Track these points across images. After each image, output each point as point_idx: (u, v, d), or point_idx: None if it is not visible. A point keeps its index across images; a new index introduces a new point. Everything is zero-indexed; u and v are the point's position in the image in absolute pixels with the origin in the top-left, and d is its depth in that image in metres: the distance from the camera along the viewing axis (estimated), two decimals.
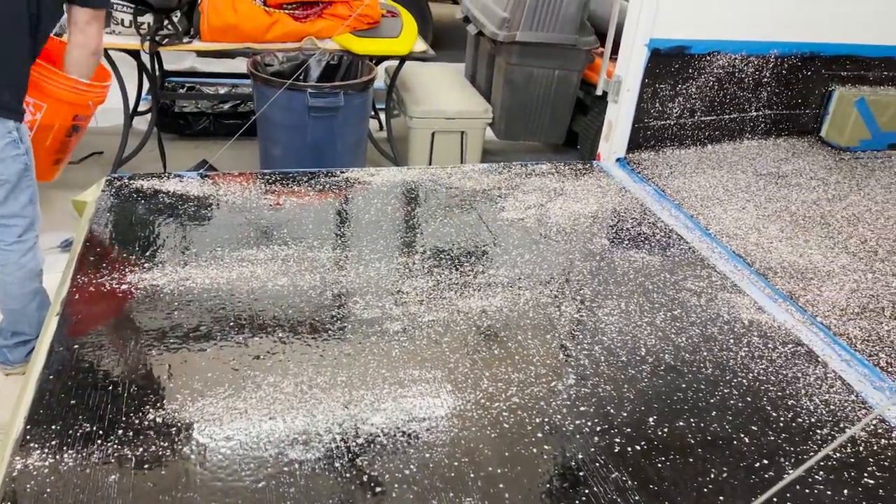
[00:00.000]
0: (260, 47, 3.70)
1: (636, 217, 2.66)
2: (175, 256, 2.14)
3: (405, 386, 1.68)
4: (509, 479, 1.43)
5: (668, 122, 3.27)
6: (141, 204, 2.44)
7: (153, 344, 1.74)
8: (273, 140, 3.58)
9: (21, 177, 2.20)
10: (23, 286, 2.35)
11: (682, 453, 1.54)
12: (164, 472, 1.38)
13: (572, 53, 4.05)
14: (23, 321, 2.41)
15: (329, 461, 1.44)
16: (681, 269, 2.31)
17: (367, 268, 2.18)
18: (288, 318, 1.90)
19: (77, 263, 2.07)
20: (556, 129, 4.35)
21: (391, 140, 4.35)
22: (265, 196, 2.58)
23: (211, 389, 1.60)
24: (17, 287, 2.33)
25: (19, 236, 2.28)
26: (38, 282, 2.41)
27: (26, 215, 2.27)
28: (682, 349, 1.89)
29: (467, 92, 4.48)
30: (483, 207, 2.63)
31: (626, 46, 3.04)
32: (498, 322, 1.96)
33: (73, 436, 1.44)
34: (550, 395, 1.68)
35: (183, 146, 4.43)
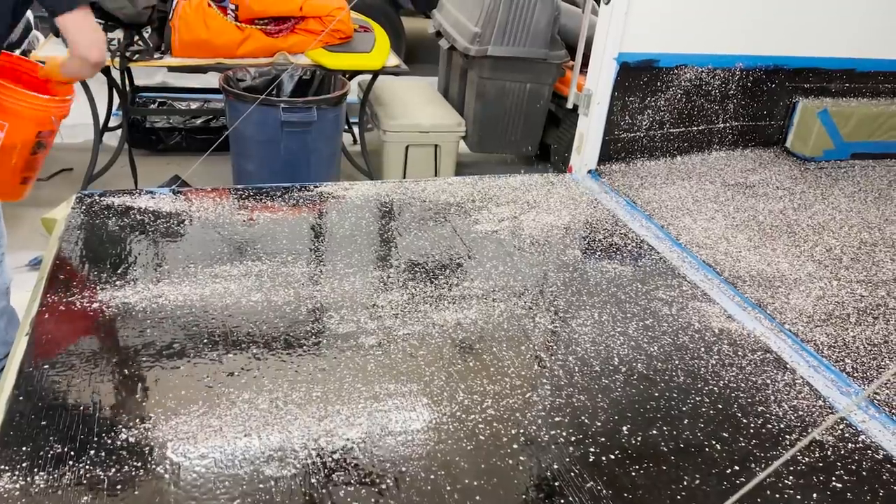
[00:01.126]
0: (232, 62, 3.70)
1: (608, 228, 2.70)
2: (147, 273, 2.12)
3: (381, 400, 1.68)
4: (486, 492, 1.44)
5: (637, 134, 3.33)
6: (112, 221, 2.42)
7: (125, 362, 1.73)
8: (246, 155, 3.57)
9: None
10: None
11: (656, 461, 1.56)
12: (137, 492, 1.36)
13: (543, 67, 4.10)
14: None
15: (305, 477, 1.44)
16: (652, 278, 2.35)
17: (341, 282, 2.18)
18: (262, 333, 1.89)
19: (47, 282, 2.04)
20: (528, 141, 4.39)
21: (365, 154, 4.36)
22: (238, 211, 2.57)
23: (185, 407, 1.59)
24: None
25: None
26: (5, 300, 2.36)
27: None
28: (655, 358, 1.92)
29: (440, 106, 4.51)
30: (457, 220, 2.65)
31: (596, 60, 3.09)
32: (473, 334, 1.97)
33: (45, 457, 1.42)
34: (526, 407, 1.70)
35: (154, 162, 4.40)
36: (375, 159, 4.34)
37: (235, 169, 3.71)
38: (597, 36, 3.08)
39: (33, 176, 2.56)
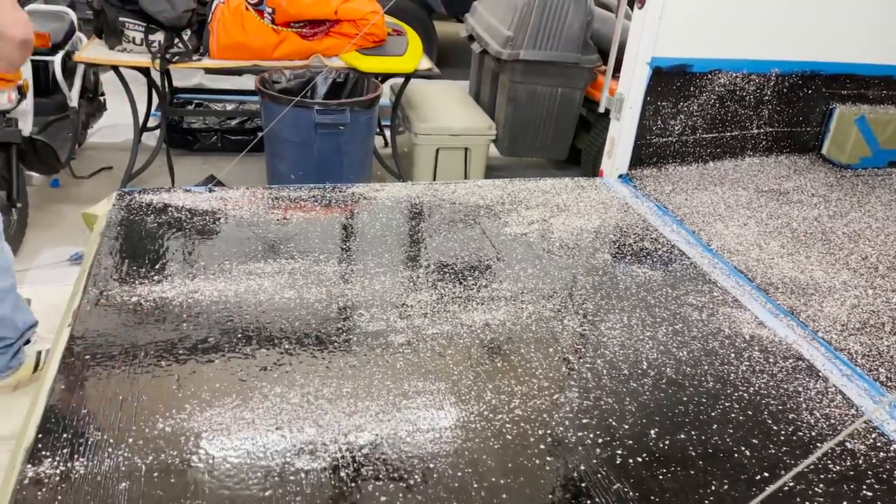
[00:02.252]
0: (268, 65, 3.76)
1: (638, 233, 2.69)
2: (184, 269, 2.18)
3: (409, 397, 1.70)
4: (512, 490, 1.45)
5: (669, 139, 3.31)
6: (150, 218, 2.48)
7: (162, 355, 1.77)
8: (280, 156, 3.63)
9: None
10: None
11: (684, 465, 1.55)
12: (173, 480, 1.40)
13: (575, 71, 4.10)
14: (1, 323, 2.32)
15: (334, 471, 1.46)
16: (682, 284, 2.34)
17: (372, 281, 2.21)
18: (294, 330, 1.93)
19: (88, 276, 2.10)
20: (559, 145, 4.39)
21: (396, 156, 4.40)
22: (272, 210, 2.62)
23: (219, 400, 1.63)
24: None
25: None
26: (9, 280, 2.30)
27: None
28: (684, 363, 1.92)
29: (471, 109, 4.54)
30: (486, 222, 2.66)
31: (629, 65, 3.09)
32: (501, 335, 1.98)
33: (85, 444, 1.47)
34: (553, 408, 1.70)
35: (191, 161, 4.49)
36: (406, 162, 4.38)
37: (269, 169, 3.77)
38: (630, 40, 3.07)
39: None
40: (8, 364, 2.32)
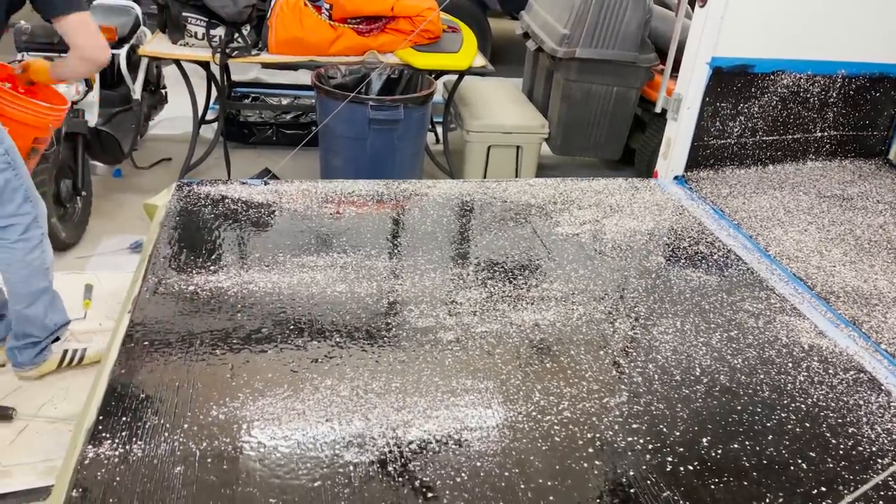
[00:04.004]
0: (324, 60, 3.80)
1: (693, 236, 2.64)
2: (239, 260, 2.22)
3: (457, 395, 1.70)
4: (559, 493, 1.44)
5: (728, 140, 3.23)
6: (208, 209, 2.54)
7: (217, 343, 1.81)
8: (334, 151, 3.67)
9: (7, 177, 2.14)
10: (29, 284, 2.28)
11: (737, 476, 1.52)
12: (225, 466, 1.43)
13: (632, 70, 4.04)
14: (30, 323, 2.34)
15: (382, 464, 1.48)
16: (738, 289, 2.28)
17: (422, 277, 2.21)
18: (345, 323, 1.95)
19: (147, 264, 2.16)
20: (612, 145, 4.33)
21: (447, 153, 4.40)
22: (325, 205, 2.65)
23: (271, 390, 1.66)
24: (23, 286, 2.27)
25: (21, 234, 2.21)
26: (46, 281, 2.33)
27: (25, 213, 2.21)
28: (739, 371, 1.87)
29: (524, 107, 4.50)
30: (538, 221, 2.64)
31: (688, 64, 3.03)
32: (551, 336, 1.97)
33: (142, 428, 1.51)
34: (602, 412, 1.68)
35: (246, 154, 4.58)
36: (457, 159, 4.37)
37: (323, 164, 3.81)
38: (690, 39, 3.01)
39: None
40: (33, 359, 2.37)
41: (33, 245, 2.24)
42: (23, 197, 2.18)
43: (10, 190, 2.13)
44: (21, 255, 2.21)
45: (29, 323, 2.32)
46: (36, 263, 2.25)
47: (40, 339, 2.36)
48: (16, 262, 2.21)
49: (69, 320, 2.49)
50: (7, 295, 2.29)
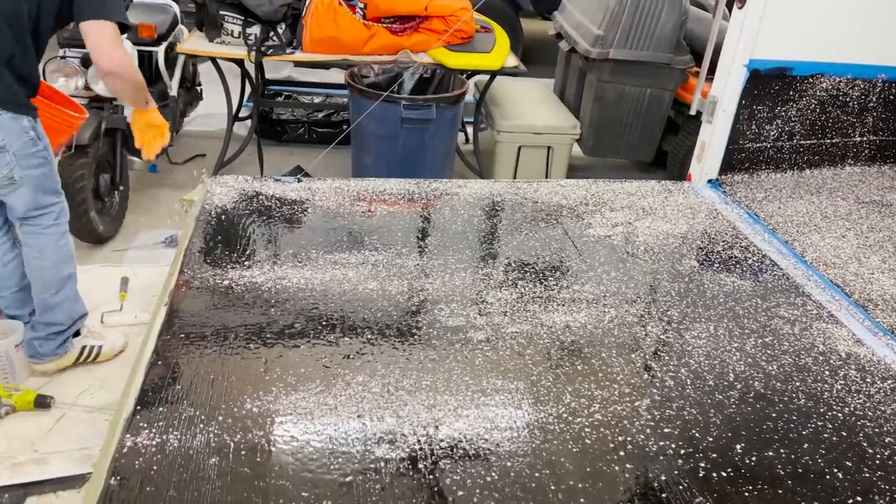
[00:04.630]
0: (357, 59, 3.83)
1: (727, 240, 2.60)
2: (272, 256, 2.25)
3: (488, 394, 1.71)
4: (590, 495, 1.43)
5: (764, 144, 3.19)
6: (242, 205, 2.57)
7: (251, 338, 1.84)
8: (366, 149, 3.69)
9: (44, 171, 2.19)
10: (58, 270, 2.32)
11: (771, 484, 1.50)
12: (259, 459, 1.45)
13: (666, 72, 4.00)
14: (57, 310, 2.37)
15: (413, 462, 1.48)
16: (773, 295, 2.25)
17: (452, 277, 2.22)
18: (376, 320, 1.96)
19: (183, 258, 2.20)
20: (645, 147, 4.30)
21: (477, 153, 4.40)
22: (357, 203, 2.67)
23: (303, 384, 1.68)
24: (53, 272, 2.31)
25: (55, 220, 2.27)
26: (72, 267, 2.38)
27: (56, 202, 2.27)
28: (774, 377, 1.84)
29: (556, 107, 4.49)
30: (569, 223, 2.63)
31: (724, 66, 2.99)
32: (582, 338, 1.96)
33: (178, 419, 1.54)
34: (634, 415, 1.67)
35: (278, 152, 4.62)
36: (487, 159, 4.37)
37: (354, 162, 3.84)
38: (727, 41, 2.97)
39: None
40: (55, 350, 2.42)
41: (63, 231, 2.31)
42: (52, 188, 2.26)
43: (46, 182, 2.21)
44: (53, 240, 2.29)
45: (56, 311, 2.37)
46: (64, 250, 2.32)
47: (64, 327, 2.40)
48: (48, 248, 2.29)
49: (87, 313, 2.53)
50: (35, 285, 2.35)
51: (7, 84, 2.03)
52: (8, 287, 2.40)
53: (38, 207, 2.22)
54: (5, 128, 2.04)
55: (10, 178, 2.11)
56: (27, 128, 2.10)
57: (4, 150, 2.06)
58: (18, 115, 2.07)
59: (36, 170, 2.15)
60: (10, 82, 2.03)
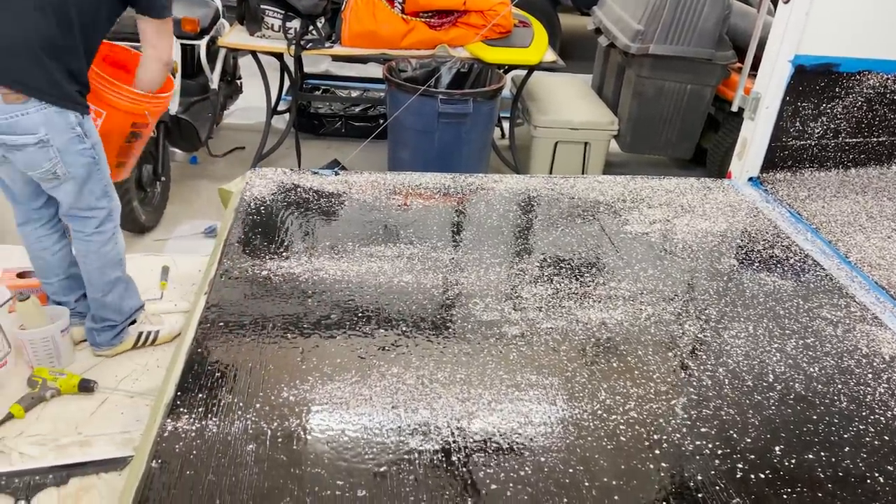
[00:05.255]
0: (395, 53, 3.84)
1: (768, 239, 2.56)
2: (309, 247, 2.27)
3: (522, 389, 1.70)
4: (625, 493, 1.42)
5: (808, 142, 3.12)
6: (280, 197, 2.60)
7: (288, 328, 1.86)
8: (402, 143, 3.71)
9: (90, 171, 2.17)
10: (103, 275, 2.36)
11: (811, 486, 1.47)
12: (295, 447, 1.47)
13: (707, 68, 3.93)
14: (106, 308, 2.43)
15: (447, 454, 1.49)
16: (816, 296, 2.21)
17: (487, 271, 2.22)
18: (411, 313, 1.97)
19: (222, 249, 2.23)
20: (684, 144, 4.23)
21: (513, 148, 4.39)
22: (393, 196, 2.68)
23: (339, 374, 1.70)
24: (98, 276, 2.35)
25: (97, 227, 2.28)
26: (120, 271, 2.40)
27: (102, 206, 2.27)
28: (815, 379, 1.81)
29: (593, 103, 4.45)
30: (606, 219, 2.61)
31: (768, 62, 2.93)
32: (618, 335, 1.94)
33: (217, 405, 1.57)
34: (670, 414, 1.66)
35: (315, 145, 4.67)
36: (523, 154, 4.35)
37: (391, 156, 3.86)
38: (771, 36, 2.91)
39: (128, 161, 2.61)
40: (110, 341, 2.49)
41: (107, 238, 2.32)
42: (101, 191, 2.25)
43: (92, 182, 2.20)
44: (96, 247, 2.30)
45: (106, 308, 2.43)
46: (110, 255, 2.34)
47: (117, 322, 2.47)
48: (91, 254, 2.31)
49: (143, 304, 2.59)
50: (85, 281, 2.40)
51: (51, 75, 2.01)
52: (56, 275, 2.46)
53: (81, 207, 2.23)
54: (50, 122, 2.04)
55: (53, 173, 2.12)
56: (73, 123, 2.09)
57: (48, 145, 2.06)
58: (64, 109, 2.06)
59: (81, 168, 2.15)
60: (54, 74, 2.02)
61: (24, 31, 1.96)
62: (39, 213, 2.35)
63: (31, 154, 2.06)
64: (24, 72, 1.97)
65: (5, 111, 1.98)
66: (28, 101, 1.99)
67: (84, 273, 2.38)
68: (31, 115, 2.01)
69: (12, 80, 1.97)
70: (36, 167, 2.11)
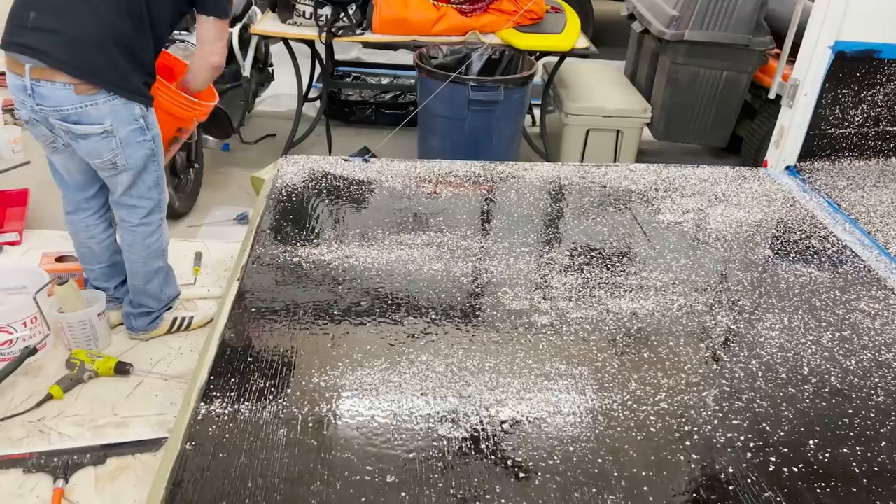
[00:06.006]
0: (426, 40, 3.83)
1: (805, 229, 2.51)
2: (340, 235, 2.29)
3: (551, 379, 1.70)
4: (654, 484, 1.41)
5: (848, 130, 3.04)
6: (311, 184, 2.62)
7: (319, 314, 1.88)
8: (432, 131, 3.70)
9: (147, 162, 2.22)
10: (146, 265, 2.40)
11: (846, 482, 1.44)
12: (326, 432, 1.49)
13: (744, 54, 3.85)
14: (146, 296, 2.49)
15: (475, 441, 1.49)
16: (854, 288, 2.16)
17: (517, 260, 2.21)
18: (441, 301, 1.97)
19: (254, 235, 2.26)
20: (719, 132, 4.16)
21: (544, 136, 4.35)
22: (423, 184, 2.68)
23: (369, 361, 1.71)
24: (141, 265, 2.40)
25: (143, 218, 2.32)
26: (162, 261, 2.45)
27: (151, 197, 2.31)
28: (851, 373, 1.77)
29: (626, 90, 4.39)
30: (638, 208, 2.58)
31: (808, 48, 2.86)
32: (649, 326, 1.92)
33: (249, 390, 1.59)
34: (701, 405, 1.64)
35: (346, 133, 4.68)
36: (554, 142, 4.32)
37: (420, 143, 3.85)
38: (811, 21, 2.84)
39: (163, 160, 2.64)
40: (146, 326, 2.56)
41: (152, 230, 2.36)
42: (154, 182, 2.29)
43: (147, 173, 2.25)
44: (141, 237, 2.35)
45: (145, 296, 2.48)
46: (154, 246, 2.39)
47: (154, 309, 2.53)
48: (136, 244, 2.36)
49: (179, 292, 2.64)
50: (127, 268, 2.45)
51: (120, 68, 2.05)
52: (99, 262, 2.52)
53: (132, 196, 2.28)
54: (116, 113, 2.08)
55: (112, 164, 2.17)
56: (137, 115, 2.13)
57: (111, 136, 2.11)
58: (130, 101, 2.10)
59: (140, 159, 2.20)
60: (124, 67, 2.06)
61: (98, 25, 2.01)
62: (89, 203, 2.40)
63: (94, 143, 2.12)
64: (97, 65, 2.02)
65: (75, 101, 2.04)
66: (98, 92, 2.04)
67: (127, 262, 2.43)
68: (98, 106, 2.06)
69: (84, 72, 2.02)
70: (97, 156, 2.16)
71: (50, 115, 2.07)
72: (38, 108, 2.06)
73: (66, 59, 1.99)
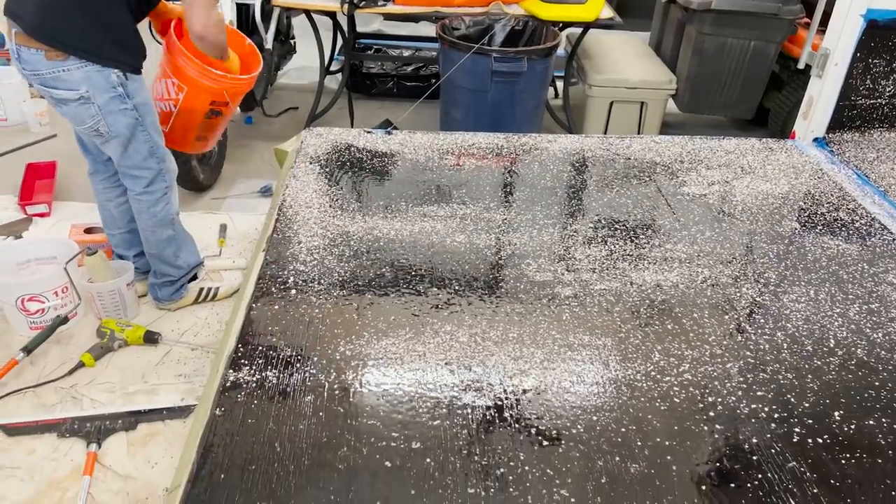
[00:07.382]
0: (449, 11, 3.79)
1: (833, 202, 2.47)
2: (363, 206, 2.30)
3: (575, 349, 1.71)
4: (678, 453, 1.42)
5: (879, 101, 2.98)
6: (334, 157, 2.62)
7: (343, 284, 1.90)
8: (455, 103, 3.68)
9: (133, 131, 2.20)
10: (155, 233, 2.43)
11: (871, 453, 1.44)
12: (352, 399, 1.51)
13: (773, 23, 3.77)
14: (162, 263, 2.52)
15: (499, 410, 1.51)
16: (882, 260, 2.13)
17: (540, 232, 2.21)
18: (464, 273, 1.98)
19: (279, 208, 2.28)
20: (745, 103, 4.09)
21: (567, 108, 4.31)
22: (446, 156, 2.68)
23: (394, 331, 1.72)
24: (151, 233, 2.43)
25: (145, 187, 2.33)
26: (171, 229, 2.46)
27: (149, 167, 2.30)
28: (878, 346, 1.76)
29: (651, 61, 4.32)
30: (663, 180, 2.56)
31: (839, 16, 2.80)
32: (673, 297, 1.92)
33: (277, 357, 1.62)
34: (725, 377, 1.64)
35: (368, 105, 4.67)
36: (577, 114, 4.28)
37: (442, 115, 3.84)
38: None
39: (209, 136, 2.61)
40: (171, 296, 2.60)
41: (157, 198, 2.37)
42: (148, 151, 2.27)
43: (136, 142, 2.24)
44: (146, 206, 2.37)
45: (162, 263, 2.52)
46: (161, 214, 2.40)
47: (175, 278, 2.57)
48: (143, 213, 2.39)
49: (202, 261, 2.67)
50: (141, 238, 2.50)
51: (84, 32, 2.02)
52: (118, 227, 2.56)
53: (128, 165, 2.29)
54: (90, 79, 2.08)
55: (96, 130, 2.19)
56: (115, 83, 2.11)
57: (89, 102, 2.11)
58: (105, 68, 2.08)
59: (123, 128, 2.19)
60: (88, 31, 2.03)
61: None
62: (106, 166, 2.45)
63: (74, 109, 2.14)
64: (59, 30, 2.02)
65: (48, 66, 2.06)
66: (68, 58, 2.05)
67: (140, 231, 2.47)
68: (71, 72, 2.07)
69: (47, 36, 2.02)
70: (80, 122, 2.19)
71: (32, 80, 2.12)
72: (24, 73, 2.11)
73: (35, 24, 2.01)
